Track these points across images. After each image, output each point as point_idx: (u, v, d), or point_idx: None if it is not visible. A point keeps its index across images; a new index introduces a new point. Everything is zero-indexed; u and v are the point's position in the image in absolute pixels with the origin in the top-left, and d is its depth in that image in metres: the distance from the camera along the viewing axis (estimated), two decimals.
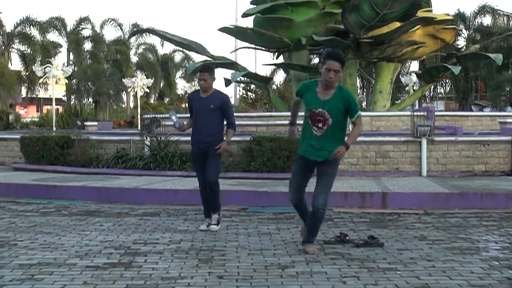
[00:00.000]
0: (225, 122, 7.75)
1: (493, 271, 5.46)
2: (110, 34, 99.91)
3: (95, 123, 26.20)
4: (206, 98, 7.62)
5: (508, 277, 5.27)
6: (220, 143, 7.56)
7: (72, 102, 52.79)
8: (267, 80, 25.24)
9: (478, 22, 50.93)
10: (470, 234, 7.30)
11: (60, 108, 49.59)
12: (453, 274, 5.38)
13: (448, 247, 6.52)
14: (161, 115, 15.03)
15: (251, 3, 23.88)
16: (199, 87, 7.81)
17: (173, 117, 7.80)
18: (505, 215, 8.78)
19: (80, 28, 55.65)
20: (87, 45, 56.40)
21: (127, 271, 5.47)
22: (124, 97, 57.77)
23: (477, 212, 8.98)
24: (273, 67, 46.12)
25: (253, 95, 46.44)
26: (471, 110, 45.79)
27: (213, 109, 7.54)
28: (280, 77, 51.95)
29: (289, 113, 7.05)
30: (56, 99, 34.55)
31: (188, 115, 7.90)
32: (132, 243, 6.70)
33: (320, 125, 6.06)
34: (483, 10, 50.23)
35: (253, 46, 25.16)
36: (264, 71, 71.83)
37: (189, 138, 13.35)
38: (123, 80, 46.46)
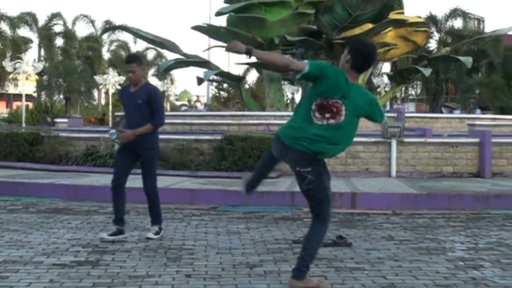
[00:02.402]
0: None
1: (458, 271, 5.53)
2: (82, 30, 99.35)
3: (66, 120, 25.96)
4: (135, 92, 6.86)
5: (473, 277, 5.34)
6: (151, 145, 6.93)
7: (42, 99, 52.24)
8: (240, 79, 25.27)
9: (449, 25, 51.51)
10: (437, 235, 7.38)
11: (30, 104, 48.96)
12: (419, 274, 5.44)
13: (415, 247, 6.59)
14: None
15: (225, 1, 23.90)
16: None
17: (112, 137, 7.15)
18: (471, 216, 8.91)
19: (52, 24, 55.07)
20: (59, 41, 55.87)
21: (94, 269, 5.43)
22: (96, 94, 57.34)
23: (444, 213, 9.09)
24: (246, 66, 46.17)
25: (226, 94, 46.47)
26: (442, 112, 46.32)
27: (141, 105, 6.77)
28: (252, 76, 52.07)
29: (261, 113, 6.80)
30: (26, 95, 34.14)
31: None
32: (100, 241, 6.65)
33: None
34: (454, 13, 50.83)
35: (226, 44, 25.16)
36: (237, 70, 71.79)
37: (160, 136, 13.27)
38: (95, 77, 46.11)
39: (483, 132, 13.49)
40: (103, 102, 58.34)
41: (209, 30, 24.06)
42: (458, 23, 51.71)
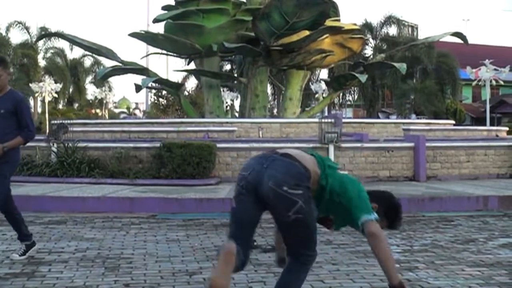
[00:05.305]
0: None
1: None
2: (17, 37, 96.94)
3: None
4: None
5: (408, 278, 5.47)
6: (7, 158, 6.05)
7: None
8: (178, 86, 25.16)
9: (384, 32, 52.55)
10: None
11: None
12: (356, 277, 5.53)
13: (352, 251, 6.70)
14: (69, 121, 14.76)
15: (163, 8, 23.78)
16: None
17: None
18: (407, 219, 9.09)
19: None
20: None
21: (30, 281, 5.32)
22: (32, 102, 56.09)
23: None
24: (185, 73, 46.11)
25: (165, 101, 46.21)
26: (379, 117, 47.21)
27: (4, 115, 6.00)
28: (191, 83, 51.96)
29: (200, 120, 6.48)
30: None
31: None
32: (36, 252, 6.50)
33: None
34: (389, 20, 51.91)
35: (164, 52, 25.03)
36: (176, 77, 71.41)
37: (98, 144, 13.16)
38: (30, 84, 45.07)
39: (417, 136, 13.82)
40: (39, 110, 57.09)
41: (147, 37, 23.87)
42: (392, 30, 52.88)
